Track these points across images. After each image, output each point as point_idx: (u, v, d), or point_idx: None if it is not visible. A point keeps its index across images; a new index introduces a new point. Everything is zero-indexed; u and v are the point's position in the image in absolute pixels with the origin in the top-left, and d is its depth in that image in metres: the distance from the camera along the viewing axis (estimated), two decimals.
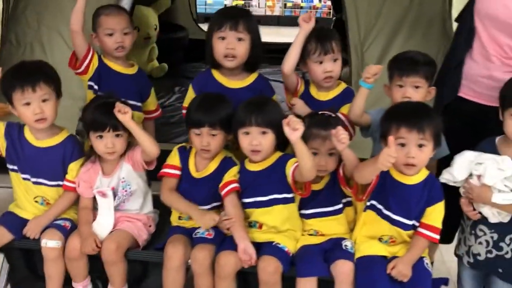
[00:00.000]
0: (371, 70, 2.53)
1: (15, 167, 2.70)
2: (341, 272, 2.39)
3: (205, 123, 2.52)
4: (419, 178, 2.42)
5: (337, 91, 2.81)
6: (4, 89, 2.56)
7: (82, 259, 2.60)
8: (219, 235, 2.58)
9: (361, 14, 3.94)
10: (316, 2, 9.11)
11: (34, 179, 2.69)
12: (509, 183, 2.38)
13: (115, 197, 2.68)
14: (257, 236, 2.56)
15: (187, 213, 2.64)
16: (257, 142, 2.45)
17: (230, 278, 2.45)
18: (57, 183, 2.71)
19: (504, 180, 2.38)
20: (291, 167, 2.43)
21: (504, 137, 2.50)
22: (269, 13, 9.24)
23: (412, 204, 2.42)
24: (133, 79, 3.01)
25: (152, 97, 3.14)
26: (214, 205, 2.65)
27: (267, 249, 2.47)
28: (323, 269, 2.42)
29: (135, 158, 2.67)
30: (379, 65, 2.56)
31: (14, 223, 2.68)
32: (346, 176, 2.46)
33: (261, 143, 2.46)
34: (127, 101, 2.65)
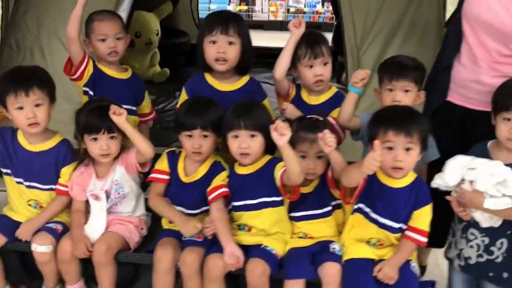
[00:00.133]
0: (359, 74, 2.55)
1: (9, 171, 2.73)
2: (328, 274, 2.40)
3: (197, 125, 2.53)
4: (406, 181, 2.42)
5: (328, 95, 2.82)
6: None
7: (73, 262, 2.62)
8: (208, 238, 2.58)
9: (358, 18, 3.95)
10: (319, 7, 9.10)
11: (27, 183, 2.71)
12: (502, 188, 2.37)
13: (108, 199, 2.69)
14: (245, 239, 2.57)
15: (171, 220, 2.65)
16: (246, 145, 2.46)
17: (218, 280, 2.46)
18: (50, 187, 2.73)
19: (496, 185, 2.37)
20: (279, 171, 2.44)
21: (496, 141, 2.50)
22: (272, 18, 9.22)
23: (399, 207, 2.42)
24: (127, 83, 3.02)
25: (146, 101, 3.16)
26: (203, 209, 2.66)
27: (255, 251, 2.48)
28: (311, 271, 2.43)
29: (129, 160, 2.69)
30: (367, 70, 2.58)
31: (7, 226, 2.70)
32: (335, 178, 2.48)
33: (250, 146, 2.47)
34: (120, 104, 2.65)
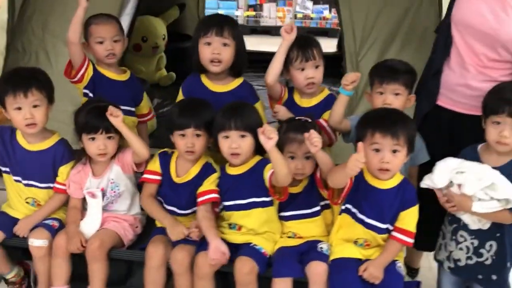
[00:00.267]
0: (350, 77, 2.59)
1: (8, 170, 2.79)
2: (315, 273, 2.43)
3: (191, 124, 2.58)
4: (393, 183, 2.45)
5: (320, 97, 2.85)
6: None
7: (66, 258, 2.65)
8: None
9: (357, 24, 3.98)
10: (326, 13, 9.08)
11: (25, 181, 2.78)
12: (490, 191, 2.39)
13: (103, 197, 2.75)
14: (235, 237, 2.61)
15: (160, 222, 2.69)
16: (236, 145, 2.51)
17: (208, 278, 2.50)
18: (48, 185, 2.80)
19: (484, 188, 2.39)
20: (268, 172, 2.47)
21: (485, 144, 2.52)
22: (279, 24, 9.15)
23: (385, 208, 2.44)
24: (126, 85, 3.07)
25: (144, 101, 3.21)
26: (195, 209, 2.68)
27: (244, 250, 2.53)
28: (298, 270, 2.46)
29: (125, 160, 2.75)
30: (357, 73, 2.62)
31: (5, 223, 2.77)
32: (323, 179, 2.50)
33: (240, 146, 2.51)
34: (118, 105, 2.72)
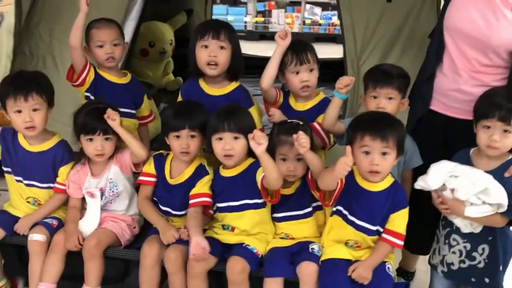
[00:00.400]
0: (344, 80, 2.63)
1: (9, 170, 2.86)
2: (306, 273, 2.46)
3: (185, 125, 2.64)
4: (383, 185, 2.47)
5: (315, 101, 2.90)
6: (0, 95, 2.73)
7: (61, 257, 2.70)
8: None
9: (358, 30, 4.04)
10: (334, 19, 9.07)
11: (26, 181, 2.84)
12: (483, 196, 2.42)
13: (102, 197, 2.81)
14: (229, 238, 2.66)
15: (154, 224, 2.74)
16: (230, 146, 2.56)
17: (201, 277, 2.55)
18: (48, 185, 2.86)
19: (477, 193, 2.41)
20: (260, 175, 2.52)
21: (477, 149, 2.55)
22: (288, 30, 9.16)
23: (375, 210, 2.47)
24: (127, 88, 3.13)
25: (145, 104, 3.26)
26: None
27: (237, 250, 2.57)
28: (289, 270, 2.50)
29: (124, 160, 2.81)
30: (351, 77, 2.66)
31: (6, 221, 2.83)
32: (315, 180, 2.53)
33: (234, 148, 2.56)
34: (116, 107, 2.79)
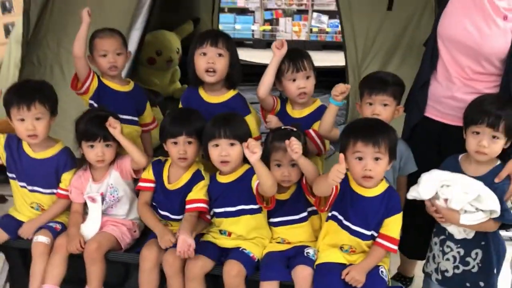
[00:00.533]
0: (339, 88, 2.68)
1: (14, 176, 2.94)
2: (301, 277, 2.50)
3: (182, 131, 2.71)
4: (378, 190, 2.51)
5: (311, 108, 2.95)
6: (4, 102, 2.81)
7: (64, 258, 2.76)
8: None
9: (358, 37, 4.10)
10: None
11: (30, 187, 2.92)
12: (476, 203, 2.46)
13: (103, 202, 2.88)
14: (226, 242, 2.72)
15: (152, 229, 2.80)
16: (226, 153, 2.62)
17: (198, 280, 2.60)
18: (51, 191, 2.93)
19: (470, 201, 2.46)
20: (255, 182, 2.57)
21: (466, 154, 2.59)
22: (295, 38, 9.28)
23: (370, 215, 2.51)
24: (129, 95, 3.20)
25: (148, 111, 3.34)
26: None
27: (233, 254, 2.62)
28: (285, 274, 2.54)
29: (124, 166, 2.88)
30: (347, 85, 2.70)
31: (10, 225, 2.91)
32: (310, 185, 2.57)
33: (230, 154, 2.62)
34: (117, 115, 2.87)
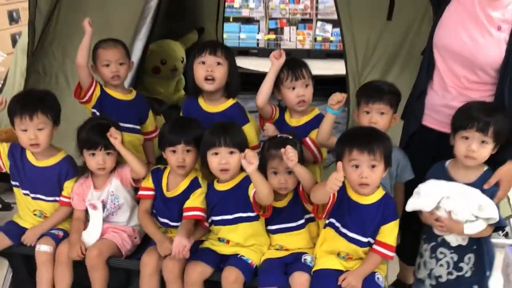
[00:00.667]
0: (336, 97, 2.72)
1: (17, 184, 2.99)
2: (298, 283, 2.54)
3: (181, 140, 2.75)
4: (374, 198, 2.54)
5: (309, 117, 2.99)
6: (8, 112, 2.87)
7: (68, 266, 2.82)
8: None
9: (359, 45, 4.12)
10: None
11: (33, 195, 2.97)
12: (477, 212, 2.50)
13: (104, 209, 2.93)
14: (224, 249, 2.76)
15: (151, 237, 2.84)
16: (226, 161, 2.66)
17: (197, 285, 2.64)
18: (54, 198, 2.99)
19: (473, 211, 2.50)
20: (252, 190, 2.61)
21: (453, 160, 2.63)
22: (299, 46, 9.29)
23: (367, 222, 2.54)
24: (132, 104, 3.25)
25: (150, 119, 3.39)
26: None
27: (232, 260, 2.66)
28: (283, 280, 2.58)
29: (124, 174, 2.93)
30: (344, 94, 2.74)
31: (14, 231, 2.96)
32: (307, 193, 2.61)
33: (229, 162, 2.67)
34: (118, 124, 2.92)
